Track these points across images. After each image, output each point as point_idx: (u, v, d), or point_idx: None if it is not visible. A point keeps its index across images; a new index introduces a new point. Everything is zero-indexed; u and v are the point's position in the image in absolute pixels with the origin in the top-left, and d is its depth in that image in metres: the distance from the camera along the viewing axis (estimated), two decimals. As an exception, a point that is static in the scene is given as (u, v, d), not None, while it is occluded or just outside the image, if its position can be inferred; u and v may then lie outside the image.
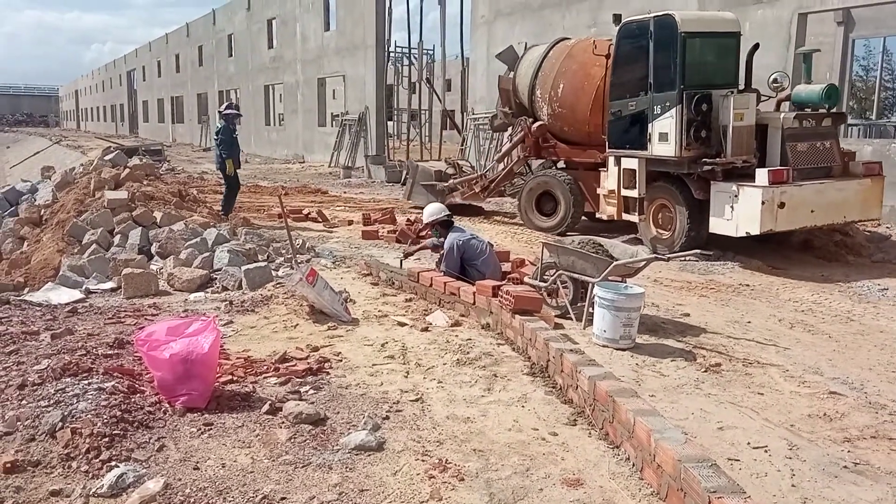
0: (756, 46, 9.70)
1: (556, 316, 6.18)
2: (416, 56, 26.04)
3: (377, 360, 5.13)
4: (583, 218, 11.50)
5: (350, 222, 12.08)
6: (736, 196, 8.65)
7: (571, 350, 4.64)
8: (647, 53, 9.47)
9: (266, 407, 4.11)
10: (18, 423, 3.71)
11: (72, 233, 8.75)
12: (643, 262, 6.18)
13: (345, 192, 17.19)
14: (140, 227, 8.81)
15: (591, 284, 5.93)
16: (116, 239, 8.66)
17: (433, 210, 7.48)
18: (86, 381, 4.15)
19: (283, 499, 3.19)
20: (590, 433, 3.98)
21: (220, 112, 12.01)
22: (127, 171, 10.81)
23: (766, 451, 3.83)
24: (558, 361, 4.63)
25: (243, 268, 7.37)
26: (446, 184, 13.35)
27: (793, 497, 3.38)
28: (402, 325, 6.02)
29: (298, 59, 30.14)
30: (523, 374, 4.89)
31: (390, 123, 25.71)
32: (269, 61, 33.17)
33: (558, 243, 6.58)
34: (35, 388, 4.12)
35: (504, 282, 6.56)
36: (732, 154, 8.85)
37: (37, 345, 5.06)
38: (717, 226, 9.00)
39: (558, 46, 11.95)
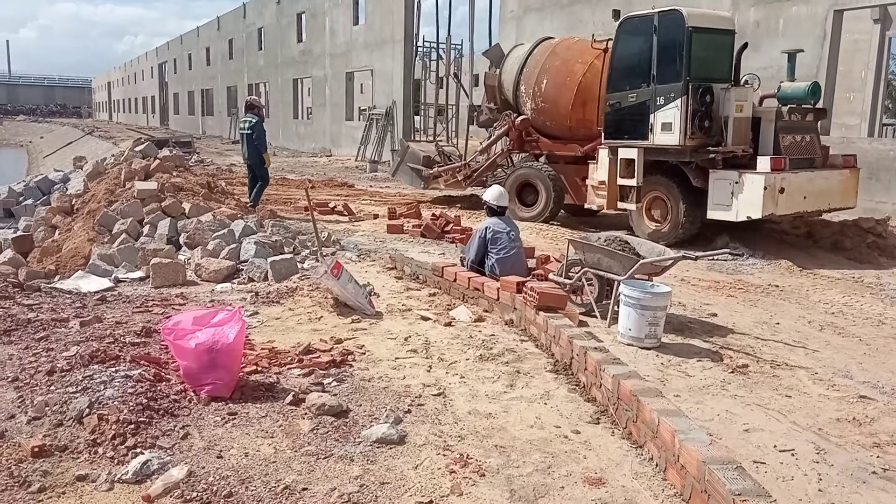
0: (745, 45, 10.29)
1: (580, 313, 6.13)
2: (445, 51, 25.99)
3: (400, 354, 5.14)
4: (561, 210, 12.13)
5: (375, 216, 12.11)
6: (737, 182, 9.16)
7: (596, 348, 4.60)
8: (650, 47, 9.80)
9: (289, 398, 4.14)
10: (47, 409, 3.77)
11: (102, 222, 8.88)
12: (670, 261, 6.10)
13: (370, 186, 17.24)
14: (169, 218, 8.91)
15: (616, 282, 5.88)
16: (146, 229, 8.77)
17: (494, 194, 7.16)
18: (113, 369, 4.21)
19: (304, 489, 3.21)
20: (613, 432, 3.95)
21: (248, 105, 12.01)
22: (157, 162, 10.95)
23: (792, 455, 3.76)
24: (582, 359, 4.59)
25: (269, 259, 7.42)
26: (431, 171, 13.86)
27: (819, 502, 3.32)
28: (425, 319, 6.02)
29: (327, 53, 30.28)
30: (546, 371, 4.87)
31: (417, 118, 25.73)
32: (298, 55, 33.35)
33: (584, 240, 6.52)
34: (63, 374, 4.19)
35: (529, 278, 6.53)
36: (733, 143, 9.40)
37: (66, 332, 5.15)
38: (715, 212, 9.48)
39: (543, 44, 12.41)
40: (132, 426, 3.61)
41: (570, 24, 17.07)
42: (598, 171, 10.77)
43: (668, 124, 9.57)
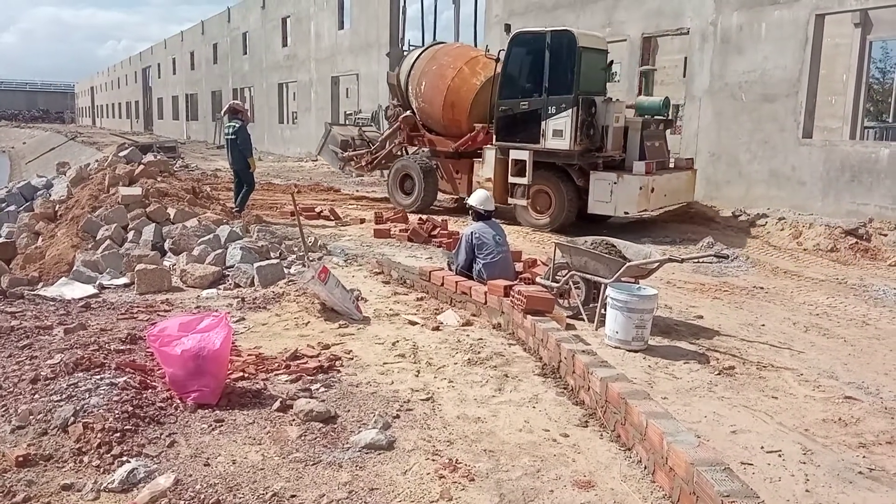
0: (611, 62, 11.97)
1: (567, 317, 6.16)
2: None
3: (388, 359, 5.12)
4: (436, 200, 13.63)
5: (362, 221, 12.09)
6: (616, 183, 10.70)
7: (583, 351, 4.61)
8: (542, 61, 11.08)
9: (277, 404, 4.11)
10: (31, 417, 3.72)
11: (86, 228, 8.80)
12: (656, 264, 6.14)
13: (357, 191, 17.19)
14: (153, 224, 8.85)
15: (603, 285, 5.90)
16: (130, 235, 8.70)
17: (480, 198, 7.21)
18: (98, 376, 4.16)
19: (293, 496, 3.19)
20: (601, 435, 3.96)
21: (231, 110, 11.93)
22: (141, 167, 10.88)
23: (779, 456, 3.79)
24: (570, 362, 4.60)
25: (256, 265, 7.38)
26: (345, 154, 15.14)
27: (807, 502, 3.34)
28: (413, 323, 6.01)
29: (312, 57, 30.21)
30: (535, 375, 4.87)
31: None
32: (283, 59, 33.26)
33: (571, 244, 6.54)
34: (48, 382, 4.14)
35: (516, 282, 6.53)
36: (611, 149, 11.07)
37: (50, 339, 5.09)
38: (596, 207, 10.99)
39: (429, 49, 13.67)
40: (118, 434, 3.58)
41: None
42: (484, 169, 12.12)
43: (560, 131, 10.89)
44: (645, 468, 3.54)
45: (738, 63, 13.04)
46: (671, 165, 11.94)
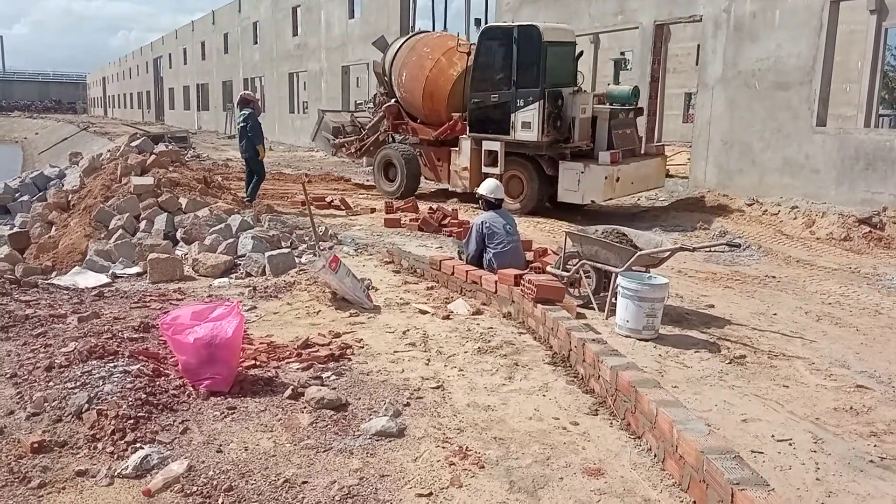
0: (580, 54, 12.36)
1: (578, 306, 6.15)
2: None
3: (399, 348, 5.14)
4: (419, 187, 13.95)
5: (372, 210, 12.10)
6: (583, 172, 11.08)
7: (594, 340, 4.61)
8: (511, 55, 11.45)
9: (288, 392, 4.14)
10: (45, 405, 3.77)
11: (99, 218, 8.86)
12: (667, 253, 6.11)
13: (367, 180, 17.18)
14: (166, 213, 8.90)
15: (614, 274, 5.89)
16: (142, 224, 8.75)
17: (489, 187, 7.24)
18: (111, 364, 4.20)
19: (304, 482, 3.21)
20: (611, 423, 3.96)
21: (243, 100, 11.95)
22: (153, 157, 10.93)
23: (790, 444, 3.78)
24: (580, 351, 4.60)
25: (267, 254, 7.41)
26: (336, 140, 15.67)
27: (817, 491, 3.34)
28: (423, 312, 6.03)
29: (323, 46, 30.16)
30: (545, 364, 4.88)
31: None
32: (293, 49, 33.22)
33: (582, 233, 6.53)
34: (62, 370, 4.19)
35: (526, 271, 6.53)
36: (578, 139, 11.44)
37: (64, 328, 5.14)
38: (565, 196, 11.40)
39: (411, 39, 14.10)
40: (131, 421, 3.62)
41: (565, 16, 17.02)
42: (461, 158, 12.63)
43: (528, 123, 11.28)
44: (655, 456, 3.54)
45: (752, 50, 12.91)
46: (642, 152, 12.36)
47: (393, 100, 14.07)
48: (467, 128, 12.29)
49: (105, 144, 24.30)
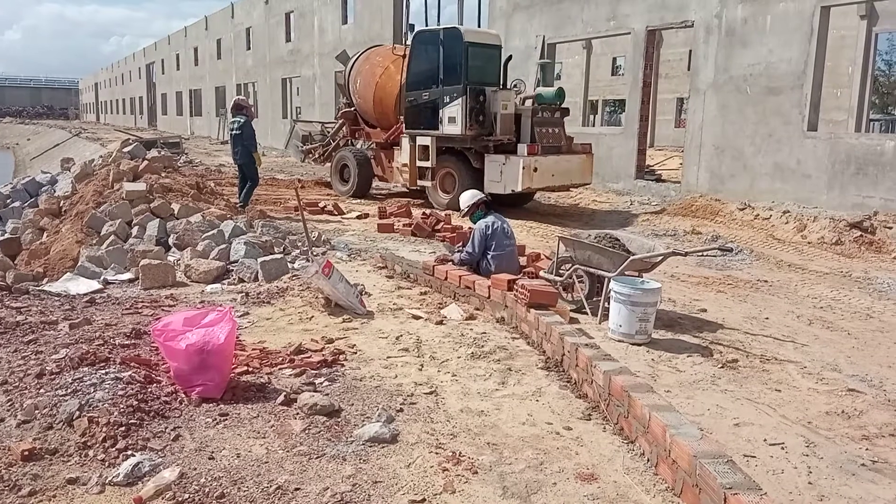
0: (510, 58, 13.40)
1: (571, 310, 6.15)
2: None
3: (392, 353, 5.14)
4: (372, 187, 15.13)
5: (366, 215, 12.10)
6: (504, 164, 12.01)
7: (587, 344, 4.61)
8: (438, 56, 12.58)
9: (281, 398, 4.13)
10: (36, 412, 3.75)
11: (90, 224, 8.83)
12: (660, 257, 6.13)
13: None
14: (158, 219, 8.88)
15: (607, 279, 5.90)
16: (134, 230, 8.73)
17: (467, 198, 7.31)
18: (103, 371, 4.18)
19: (297, 489, 3.20)
20: (604, 428, 3.97)
21: (236, 106, 11.92)
22: (145, 163, 10.91)
23: (782, 448, 3.79)
24: (573, 356, 4.61)
25: (259, 260, 7.40)
26: (305, 147, 16.77)
27: (809, 494, 3.34)
28: (416, 318, 6.02)
29: (316, 52, 30.17)
30: (538, 369, 4.88)
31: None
32: (286, 54, 33.22)
33: (575, 237, 6.54)
34: (53, 377, 4.16)
35: (519, 276, 6.54)
36: (501, 133, 12.25)
37: (55, 334, 5.12)
38: (490, 187, 11.99)
39: (367, 51, 15.34)
40: (123, 428, 3.60)
41: (559, 21, 17.09)
42: (402, 156, 13.60)
43: (453, 118, 12.32)
44: (648, 461, 3.54)
45: (743, 56, 13.00)
46: (570, 150, 13.04)
47: (352, 108, 15.18)
48: (404, 125, 13.31)
49: (97, 150, 24.21)
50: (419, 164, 13.04)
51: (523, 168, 11.71)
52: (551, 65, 16.68)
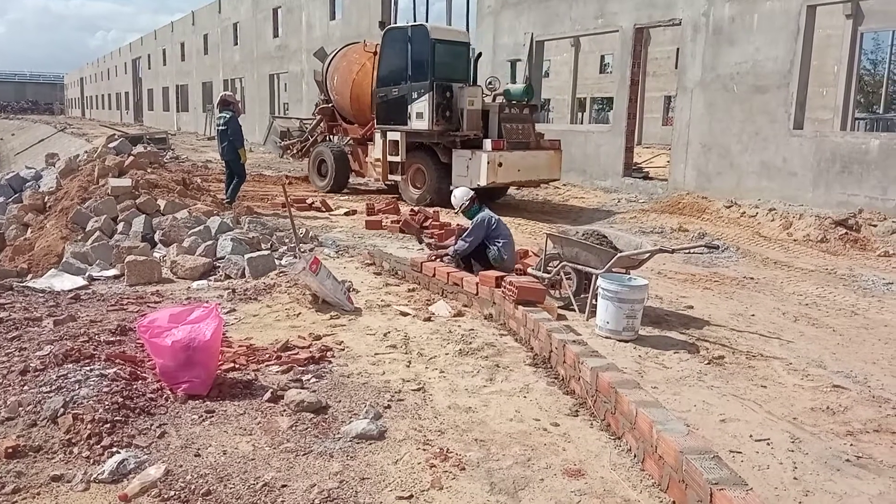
0: (479, 55, 13.91)
1: (559, 307, 6.17)
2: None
3: (379, 350, 5.13)
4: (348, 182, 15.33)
5: (353, 212, 12.07)
6: (471, 159, 12.21)
7: (574, 341, 4.62)
8: (406, 52, 12.78)
9: (268, 395, 4.11)
10: (20, 409, 3.71)
11: (75, 220, 8.76)
12: (647, 254, 6.15)
13: (348, 182, 17.13)
14: (144, 215, 8.81)
15: (594, 276, 5.91)
16: (120, 226, 8.66)
17: (461, 194, 7.34)
18: (88, 368, 4.14)
19: (283, 486, 3.19)
20: (591, 424, 3.98)
21: (223, 101, 11.84)
22: (131, 158, 10.83)
23: (768, 444, 3.81)
24: (561, 352, 4.61)
25: (246, 256, 7.36)
26: (283, 142, 17.04)
27: (795, 490, 3.37)
28: (404, 314, 6.01)
29: (304, 48, 30.04)
30: (525, 365, 4.89)
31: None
32: (274, 50, 33.07)
33: (563, 234, 6.55)
34: (37, 373, 4.12)
35: (507, 272, 6.54)
36: (467, 129, 12.41)
37: (39, 331, 5.07)
38: (458, 181, 12.09)
39: (344, 48, 15.50)
40: (108, 425, 3.57)
41: (546, 19, 17.10)
42: (375, 151, 13.88)
43: (421, 113, 12.51)
44: (635, 457, 3.56)
45: (730, 54, 13.06)
46: (538, 146, 13.09)
47: (329, 104, 15.41)
48: (375, 121, 13.59)
49: (82, 146, 24.00)
50: (390, 158, 13.32)
51: (487, 163, 11.86)
52: (524, 63, 17.22)
